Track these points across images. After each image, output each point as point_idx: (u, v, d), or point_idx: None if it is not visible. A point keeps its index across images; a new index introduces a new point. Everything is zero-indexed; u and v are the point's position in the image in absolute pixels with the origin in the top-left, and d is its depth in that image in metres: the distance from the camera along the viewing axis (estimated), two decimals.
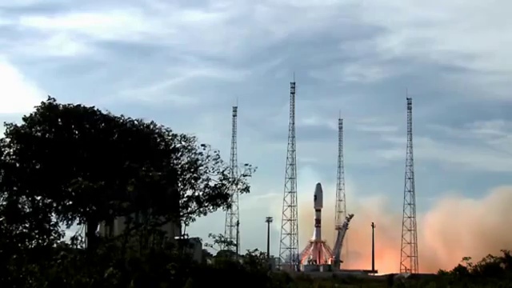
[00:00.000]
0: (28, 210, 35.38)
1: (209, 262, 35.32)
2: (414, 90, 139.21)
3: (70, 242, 31.35)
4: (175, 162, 38.95)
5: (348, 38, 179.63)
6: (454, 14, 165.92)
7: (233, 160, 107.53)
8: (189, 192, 38.24)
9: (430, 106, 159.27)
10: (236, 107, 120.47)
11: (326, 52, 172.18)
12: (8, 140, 36.51)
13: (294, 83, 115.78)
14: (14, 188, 36.22)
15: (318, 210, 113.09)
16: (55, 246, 28.33)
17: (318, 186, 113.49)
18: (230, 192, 38.06)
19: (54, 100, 37.14)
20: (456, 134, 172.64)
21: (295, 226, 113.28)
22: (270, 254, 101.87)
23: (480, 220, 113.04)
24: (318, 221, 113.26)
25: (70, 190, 36.20)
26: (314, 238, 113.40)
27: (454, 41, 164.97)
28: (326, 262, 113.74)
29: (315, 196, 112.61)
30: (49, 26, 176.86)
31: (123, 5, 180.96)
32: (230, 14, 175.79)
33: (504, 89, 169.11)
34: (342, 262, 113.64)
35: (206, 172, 37.98)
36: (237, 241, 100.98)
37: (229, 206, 38.78)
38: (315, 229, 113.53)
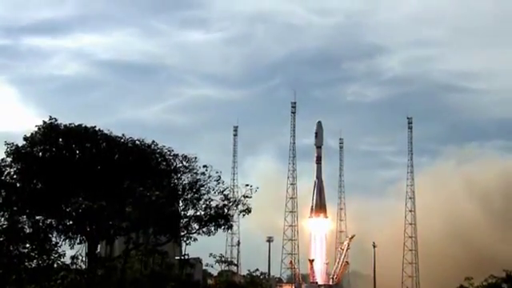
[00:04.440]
0: (29, 230, 35.32)
1: (209, 282, 35.17)
2: (414, 110, 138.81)
3: (70, 262, 31.26)
4: (176, 181, 38.89)
5: (348, 58, 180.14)
6: (453, 34, 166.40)
7: (233, 179, 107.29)
8: (190, 212, 38.21)
9: (430, 125, 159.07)
10: (237, 126, 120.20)
11: (327, 71, 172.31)
12: (9, 160, 36.47)
13: (295, 103, 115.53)
14: (15, 208, 36.09)
15: (319, 147, 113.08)
16: (56, 266, 28.26)
17: (319, 124, 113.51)
18: (231, 213, 37.98)
19: (56, 120, 37.17)
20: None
21: (296, 246, 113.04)
22: (271, 274, 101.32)
23: (480, 240, 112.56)
24: (318, 158, 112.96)
25: (70, 209, 36.23)
26: (314, 176, 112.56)
27: (454, 60, 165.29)
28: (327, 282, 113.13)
29: (316, 133, 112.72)
30: (50, 46, 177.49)
31: (124, 25, 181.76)
32: (229, 33, 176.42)
33: (504, 108, 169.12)
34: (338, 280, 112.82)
35: (207, 192, 37.97)
36: (237, 261, 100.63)
37: (230, 227, 38.67)
38: (316, 165, 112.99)
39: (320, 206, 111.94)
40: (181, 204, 38.77)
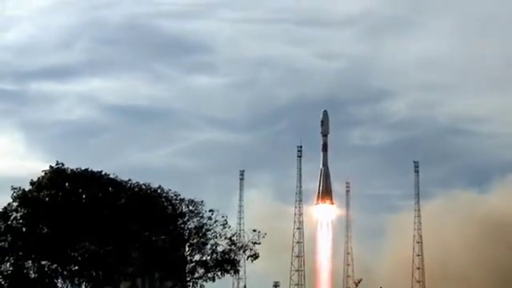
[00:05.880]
0: (34, 276, 35.14)
1: None
2: (420, 153, 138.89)
3: None
4: (182, 226, 38.78)
5: (354, 102, 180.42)
6: (459, 77, 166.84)
7: (240, 224, 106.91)
8: (196, 257, 37.99)
9: (436, 168, 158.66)
10: (243, 171, 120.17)
11: (332, 115, 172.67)
12: (15, 204, 36.45)
13: (301, 146, 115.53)
14: (20, 253, 35.96)
15: (325, 135, 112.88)
16: None
17: (325, 113, 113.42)
18: (237, 258, 37.78)
19: (63, 164, 37.24)
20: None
21: None
22: None
23: (487, 280, 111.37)
24: (324, 146, 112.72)
25: (76, 254, 36.10)
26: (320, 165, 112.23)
27: (460, 103, 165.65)
28: None
29: (322, 121, 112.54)
30: (57, 91, 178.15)
31: (131, 70, 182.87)
32: (235, 78, 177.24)
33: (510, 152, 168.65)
34: None
35: (213, 237, 37.82)
36: None
37: (236, 272, 38.43)
38: (322, 153, 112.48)
39: (326, 193, 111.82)
40: (187, 249, 38.59)
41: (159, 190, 38.75)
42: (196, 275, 37.76)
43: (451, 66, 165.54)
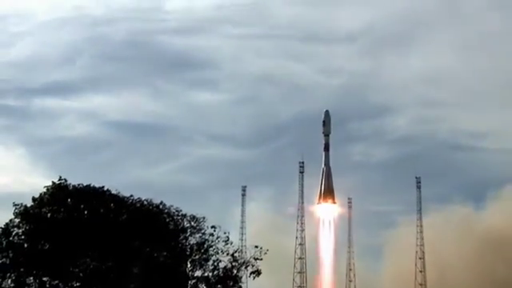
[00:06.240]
0: None
1: None
2: (421, 169, 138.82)
3: None
4: (184, 242, 38.76)
5: (354, 117, 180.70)
6: (460, 93, 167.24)
7: (242, 240, 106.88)
8: (198, 273, 37.93)
9: (436, 184, 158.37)
10: (245, 186, 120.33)
11: (333, 131, 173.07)
12: (17, 220, 36.45)
13: (303, 162, 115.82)
14: (22, 269, 35.91)
15: (327, 135, 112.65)
16: None
17: (327, 112, 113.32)
18: (239, 274, 37.75)
19: (66, 180, 37.30)
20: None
21: None
22: None
23: None
24: (326, 145, 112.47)
25: (77, 270, 36.04)
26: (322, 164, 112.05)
27: (462, 119, 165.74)
28: None
29: (324, 121, 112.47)
30: (59, 107, 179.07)
31: (133, 86, 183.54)
32: (237, 94, 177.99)
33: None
34: None
35: (215, 253, 37.81)
36: None
37: None
38: (324, 153, 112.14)
39: (328, 192, 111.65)
40: (189, 265, 38.55)
41: (161, 206, 38.75)
42: None
43: (452, 82, 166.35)
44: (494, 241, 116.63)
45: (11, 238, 36.26)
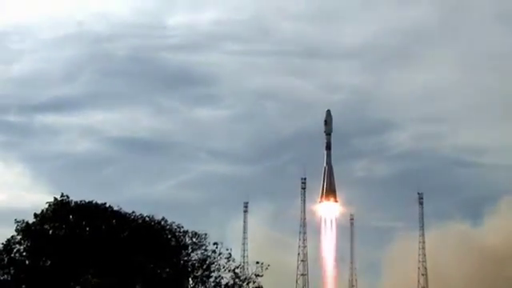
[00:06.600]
0: None
1: None
2: (423, 185, 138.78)
3: None
4: (186, 258, 38.72)
5: (356, 133, 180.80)
6: (462, 110, 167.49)
7: (244, 256, 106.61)
8: None
9: (438, 200, 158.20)
10: (247, 202, 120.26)
11: (335, 147, 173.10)
12: (19, 237, 36.43)
13: (305, 178, 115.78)
14: (23, 286, 35.84)
15: (329, 134, 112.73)
16: None
17: (328, 112, 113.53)
18: None
19: (68, 197, 37.33)
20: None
21: None
22: None
23: None
24: (328, 144, 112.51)
25: (79, 287, 35.95)
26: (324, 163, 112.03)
27: (464, 135, 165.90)
28: None
29: (325, 121, 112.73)
30: (61, 123, 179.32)
31: (134, 102, 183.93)
32: (238, 110, 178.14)
33: None
34: None
35: (217, 270, 37.74)
36: None
37: None
38: (325, 152, 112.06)
39: (330, 191, 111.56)
40: (190, 281, 38.47)
41: (163, 222, 38.75)
42: None
43: (454, 98, 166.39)
44: (495, 257, 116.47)
45: (13, 255, 36.22)
